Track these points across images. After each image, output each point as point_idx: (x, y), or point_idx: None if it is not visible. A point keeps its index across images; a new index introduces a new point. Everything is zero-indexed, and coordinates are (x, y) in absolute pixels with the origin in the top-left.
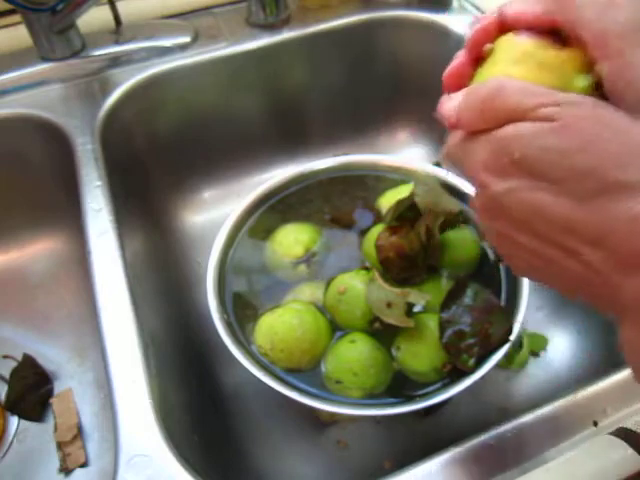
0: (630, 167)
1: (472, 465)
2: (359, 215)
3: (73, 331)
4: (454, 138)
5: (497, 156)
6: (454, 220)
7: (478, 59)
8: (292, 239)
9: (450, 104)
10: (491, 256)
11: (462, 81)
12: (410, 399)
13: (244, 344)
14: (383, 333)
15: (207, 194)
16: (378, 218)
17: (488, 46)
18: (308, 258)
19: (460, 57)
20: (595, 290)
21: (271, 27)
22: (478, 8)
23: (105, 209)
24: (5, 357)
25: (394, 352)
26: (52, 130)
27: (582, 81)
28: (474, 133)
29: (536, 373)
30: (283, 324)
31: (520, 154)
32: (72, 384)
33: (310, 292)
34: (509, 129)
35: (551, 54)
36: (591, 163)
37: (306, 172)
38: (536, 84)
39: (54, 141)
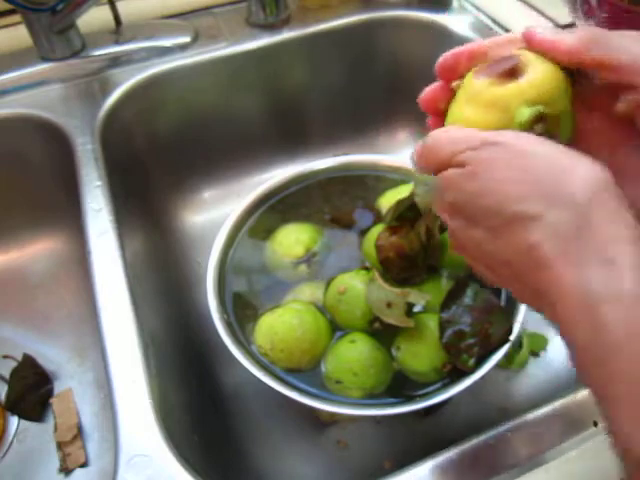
0: (528, 201)
1: (472, 465)
2: (359, 215)
3: (73, 331)
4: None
5: (441, 199)
6: None
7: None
8: (293, 239)
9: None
10: None
11: (436, 104)
12: (410, 399)
13: (244, 344)
14: (383, 333)
15: (207, 194)
16: (378, 218)
17: (456, 83)
18: (308, 258)
19: (434, 84)
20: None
21: (271, 27)
22: (478, 8)
23: (105, 209)
24: (5, 357)
25: (394, 352)
26: (52, 130)
27: (525, 114)
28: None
29: (536, 373)
30: (283, 324)
31: (451, 197)
32: (72, 384)
33: (310, 292)
34: (443, 175)
35: (499, 91)
36: (494, 202)
37: (306, 172)
38: (480, 122)
39: (54, 141)
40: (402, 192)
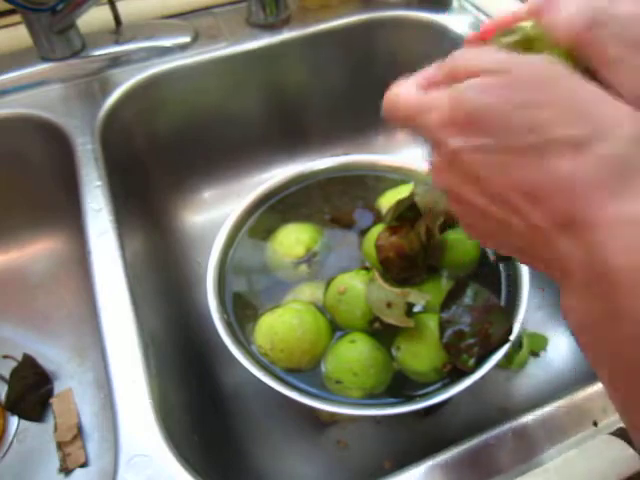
0: (577, 123)
1: (472, 465)
2: (359, 215)
3: (73, 331)
4: (406, 88)
5: (453, 112)
6: (454, 220)
7: None
8: (293, 239)
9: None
10: (491, 256)
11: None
12: (410, 399)
13: (244, 344)
14: (383, 333)
15: (207, 194)
16: (378, 218)
17: None
18: (309, 258)
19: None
20: (540, 253)
21: (271, 27)
22: (478, 8)
23: (105, 209)
24: (5, 357)
25: (394, 352)
26: (52, 130)
27: (508, 38)
28: (431, 88)
29: (536, 373)
30: (283, 324)
31: (471, 108)
32: (72, 384)
33: (310, 292)
34: (464, 83)
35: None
36: (537, 118)
37: (306, 172)
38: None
39: (54, 141)
40: (402, 192)
